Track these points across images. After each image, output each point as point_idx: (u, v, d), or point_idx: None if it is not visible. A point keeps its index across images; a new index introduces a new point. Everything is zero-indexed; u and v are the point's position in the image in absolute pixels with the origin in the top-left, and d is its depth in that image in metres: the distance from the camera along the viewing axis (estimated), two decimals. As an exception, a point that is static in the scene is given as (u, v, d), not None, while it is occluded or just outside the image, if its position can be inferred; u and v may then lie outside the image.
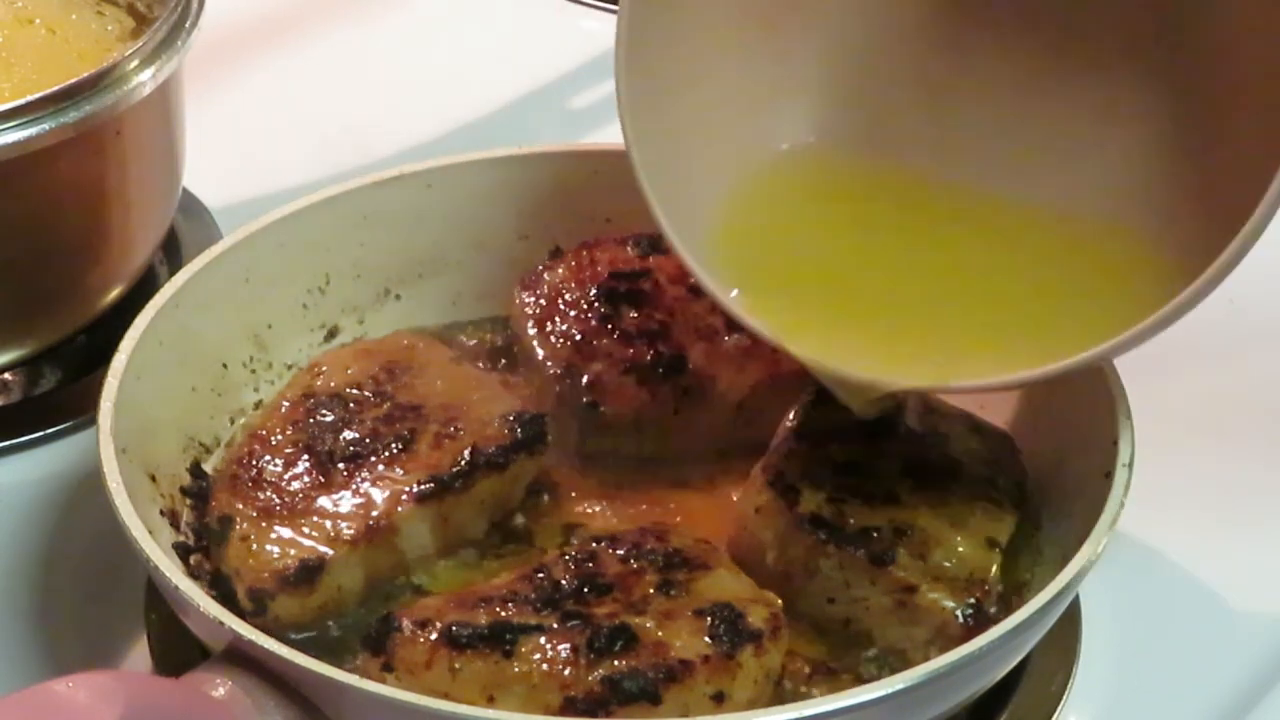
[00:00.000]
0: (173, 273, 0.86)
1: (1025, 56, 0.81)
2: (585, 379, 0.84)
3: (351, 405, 0.81)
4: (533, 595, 0.72)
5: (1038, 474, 0.82)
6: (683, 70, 0.80)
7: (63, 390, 0.95)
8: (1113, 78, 0.79)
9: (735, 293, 0.79)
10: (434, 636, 0.70)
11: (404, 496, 0.78)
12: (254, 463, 0.79)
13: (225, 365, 0.86)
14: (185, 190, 1.01)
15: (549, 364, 0.85)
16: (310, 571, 0.75)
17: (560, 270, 0.88)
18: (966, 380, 0.76)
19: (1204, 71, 0.76)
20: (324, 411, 0.81)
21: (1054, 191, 0.80)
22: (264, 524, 0.77)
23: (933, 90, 0.83)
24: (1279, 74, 0.71)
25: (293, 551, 0.76)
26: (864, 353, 0.77)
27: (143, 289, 0.93)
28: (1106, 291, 0.77)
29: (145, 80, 0.88)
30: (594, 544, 0.76)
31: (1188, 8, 0.76)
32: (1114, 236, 0.78)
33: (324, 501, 0.77)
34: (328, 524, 0.77)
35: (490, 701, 0.69)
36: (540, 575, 0.73)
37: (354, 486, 0.78)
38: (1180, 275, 0.70)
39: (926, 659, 0.69)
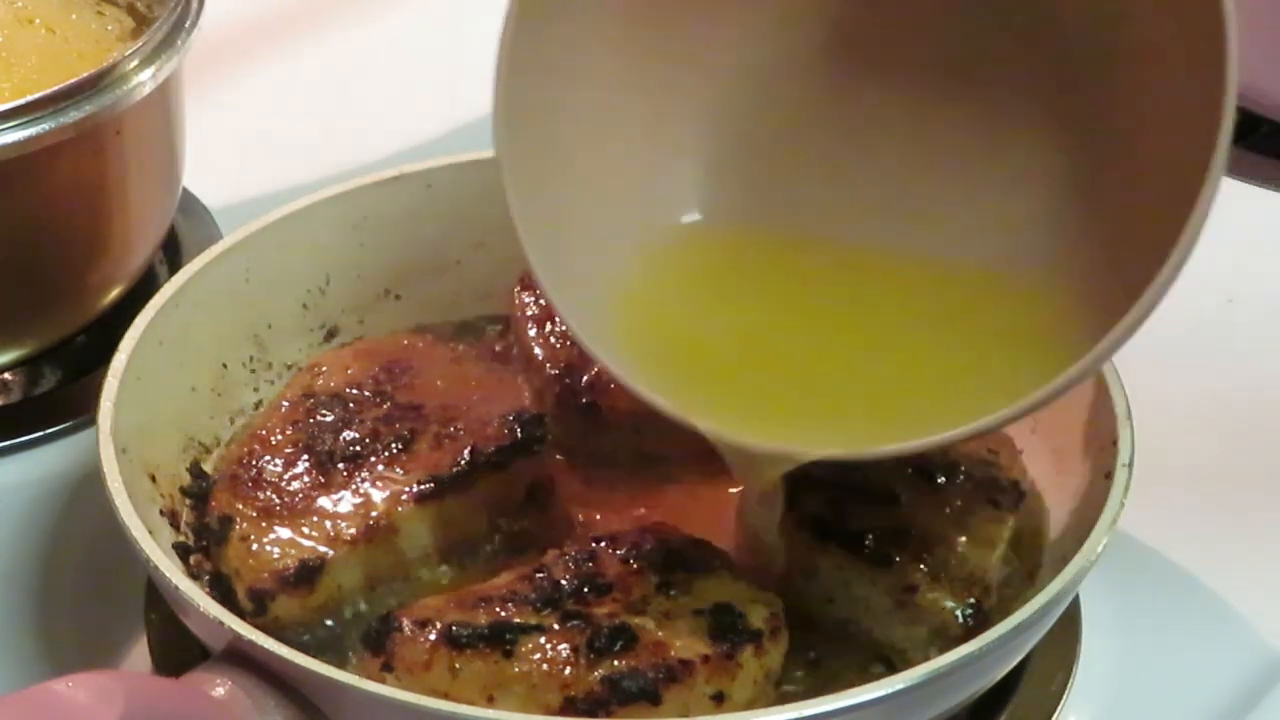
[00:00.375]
0: (173, 273, 0.86)
1: (922, 112, 0.77)
2: (585, 379, 0.84)
3: (351, 405, 0.81)
4: (533, 595, 0.72)
5: (1038, 474, 0.82)
6: (568, 148, 0.77)
7: (63, 390, 0.95)
8: (1014, 129, 0.76)
9: (637, 371, 0.74)
10: (434, 636, 0.70)
11: (404, 496, 0.78)
12: (254, 463, 0.79)
13: (225, 365, 0.86)
14: (185, 190, 1.01)
15: (549, 364, 0.85)
16: (310, 571, 0.75)
17: (560, 270, 0.88)
18: (882, 446, 0.71)
19: (1108, 119, 0.73)
20: (324, 411, 0.81)
21: (961, 246, 0.77)
22: (264, 524, 0.77)
23: (830, 154, 0.79)
24: (1183, 121, 0.68)
25: (293, 551, 0.76)
26: (773, 424, 0.73)
27: (143, 289, 0.93)
28: (1025, 343, 0.74)
29: (145, 80, 0.88)
30: (594, 544, 0.76)
31: (1088, 60, 0.73)
32: (1028, 287, 0.75)
33: (324, 501, 0.77)
34: (328, 524, 0.77)
35: (490, 701, 0.69)
36: (540, 575, 0.73)
37: (354, 486, 0.78)
38: (1100, 319, 0.67)
39: (926, 659, 0.69)
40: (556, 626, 0.70)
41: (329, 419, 0.81)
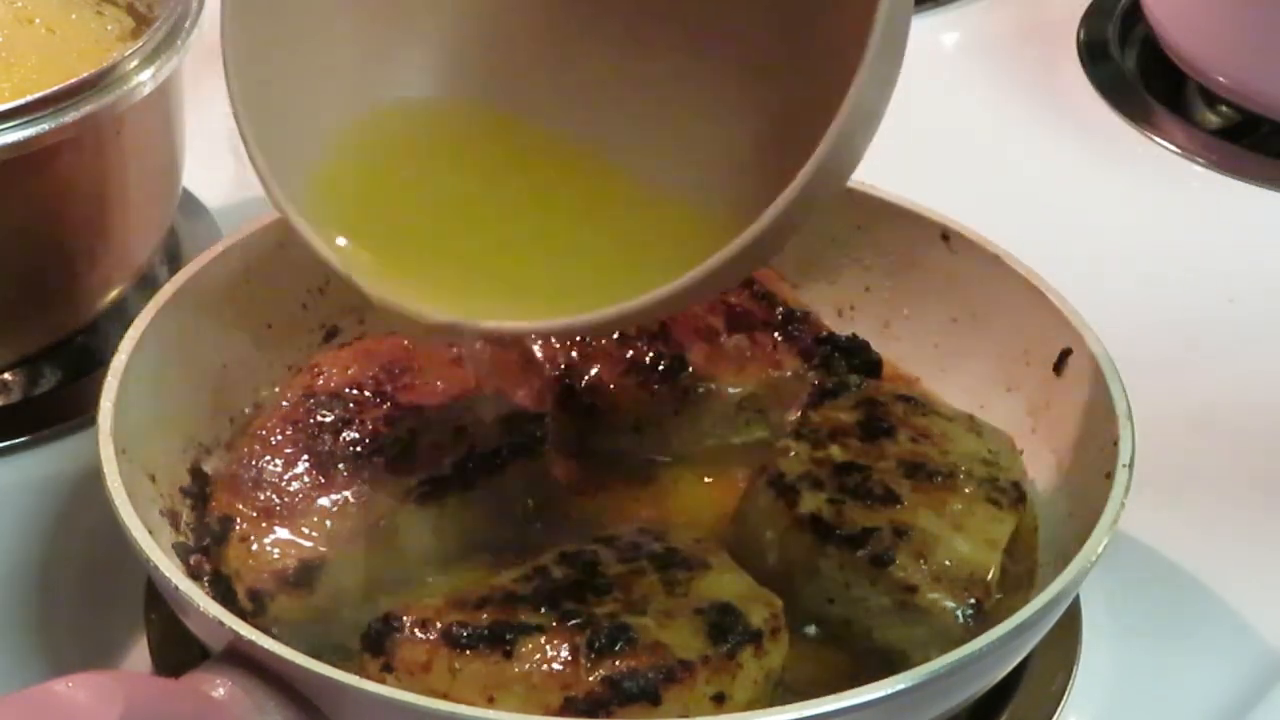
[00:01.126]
0: (173, 273, 0.86)
1: (645, 20, 0.79)
2: (585, 379, 0.84)
3: (351, 405, 0.81)
4: (533, 595, 0.72)
5: (1038, 474, 0.82)
6: (293, 10, 0.78)
7: (63, 390, 0.95)
8: (726, 54, 0.77)
9: (322, 231, 0.75)
10: (434, 636, 0.70)
11: (404, 496, 0.78)
12: (254, 463, 0.79)
13: (225, 365, 0.86)
14: (185, 190, 1.01)
15: (548, 364, 0.85)
16: (310, 571, 0.75)
17: (560, 270, 0.88)
18: (522, 321, 0.73)
19: (810, 46, 0.75)
20: (324, 411, 0.81)
21: (646, 154, 0.78)
22: (264, 524, 0.77)
23: (555, 49, 0.81)
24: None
25: (293, 551, 0.76)
26: (439, 294, 0.74)
27: (143, 289, 0.93)
28: (674, 250, 0.74)
29: (145, 80, 0.88)
30: (594, 544, 0.76)
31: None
32: (688, 201, 0.76)
33: (324, 501, 0.77)
34: (328, 524, 0.77)
35: (490, 702, 0.69)
36: (540, 575, 0.73)
37: (354, 487, 0.78)
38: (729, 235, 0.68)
39: (926, 659, 0.69)
40: (556, 626, 0.70)
41: (329, 419, 0.81)
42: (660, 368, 0.84)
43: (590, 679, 0.69)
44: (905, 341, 0.89)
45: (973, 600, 0.74)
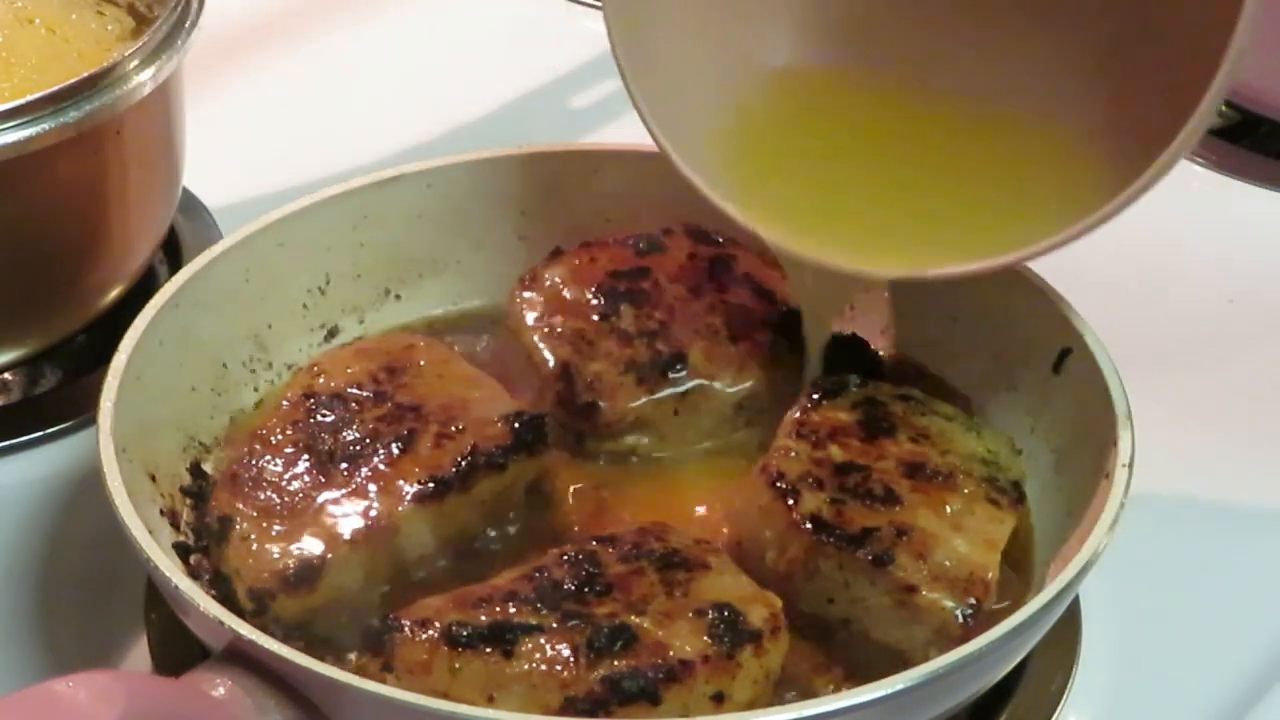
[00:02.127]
0: (173, 273, 0.86)
1: None
2: (585, 379, 0.84)
3: (352, 405, 0.81)
4: (533, 595, 0.72)
5: (1038, 474, 0.82)
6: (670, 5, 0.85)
7: (63, 390, 0.95)
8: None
9: (716, 184, 0.83)
10: (434, 636, 0.70)
11: (404, 496, 0.78)
12: (254, 463, 0.79)
13: (225, 365, 0.86)
14: (185, 190, 1.01)
15: (549, 363, 0.85)
16: (310, 571, 0.75)
17: (560, 270, 0.88)
18: (933, 269, 0.80)
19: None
20: (324, 411, 0.81)
21: (1019, 98, 0.84)
22: (264, 524, 0.77)
23: (905, 8, 0.87)
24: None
25: (293, 551, 0.76)
26: (845, 247, 0.83)
27: (143, 289, 0.93)
28: (1063, 191, 0.81)
29: (145, 80, 0.88)
30: (594, 544, 0.76)
31: None
32: (1070, 141, 0.82)
33: (324, 501, 0.77)
34: (328, 524, 0.77)
35: (490, 701, 0.69)
36: (540, 575, 0.73)
37: (354, 486, 0.78)
38: (1124, 177, 0.76)
39: (926, 659, 0.69)
40: (556, 626, 0.70)
41: (329, 419, 0.81)
42: (660, 367, 0.84)
43: (590, 679, 0.69)
44: (905, 341, 0.89)
45: (972, 600, 0.74)
